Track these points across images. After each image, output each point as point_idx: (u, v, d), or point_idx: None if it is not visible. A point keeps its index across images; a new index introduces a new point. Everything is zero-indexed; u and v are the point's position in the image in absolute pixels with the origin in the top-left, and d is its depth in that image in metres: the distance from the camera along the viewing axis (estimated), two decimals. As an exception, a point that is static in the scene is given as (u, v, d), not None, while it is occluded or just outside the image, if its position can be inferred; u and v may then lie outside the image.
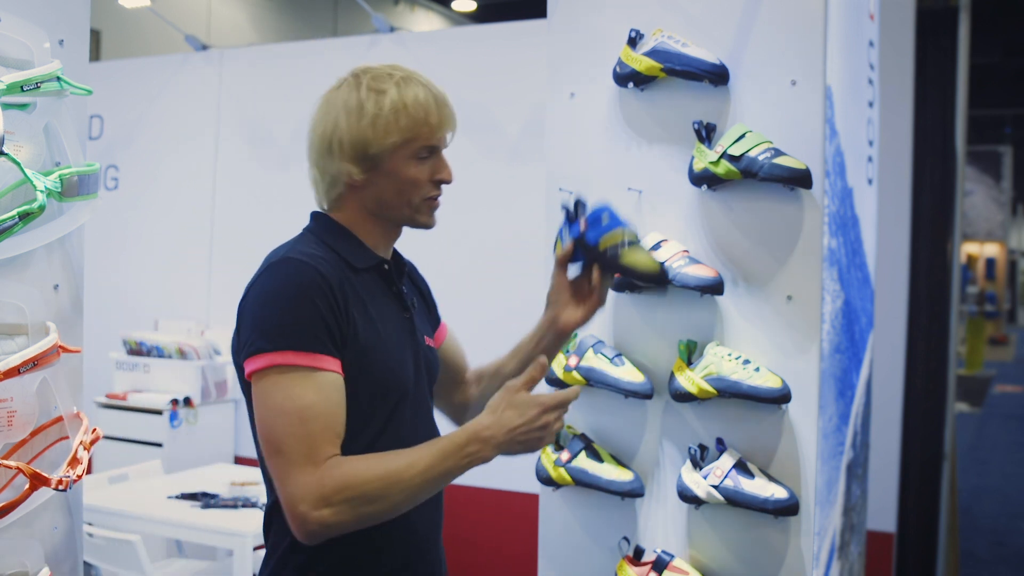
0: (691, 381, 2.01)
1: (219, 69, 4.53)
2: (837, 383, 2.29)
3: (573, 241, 1.75)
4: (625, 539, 2.15)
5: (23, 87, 1.46)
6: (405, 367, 1.56)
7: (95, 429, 1.55)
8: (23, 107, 1.50)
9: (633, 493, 2.09)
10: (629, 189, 2.17)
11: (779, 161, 1.95)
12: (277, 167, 4.50)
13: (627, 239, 1.73)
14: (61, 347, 1.55)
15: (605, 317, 2.19)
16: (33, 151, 1.53)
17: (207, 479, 3.71)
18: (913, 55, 3.72)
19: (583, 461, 2.12)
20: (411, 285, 1.73)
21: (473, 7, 10.35)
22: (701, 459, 2.03)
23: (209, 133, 4.64)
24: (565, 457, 2.13)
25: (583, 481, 2.12)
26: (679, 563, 2.03)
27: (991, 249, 19.77)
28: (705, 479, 2.00)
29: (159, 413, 4.49)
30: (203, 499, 3.40)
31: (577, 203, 1.78)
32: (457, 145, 4.19)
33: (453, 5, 10.64)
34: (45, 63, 1.52)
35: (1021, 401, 12.04)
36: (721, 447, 2.03)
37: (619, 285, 2.11)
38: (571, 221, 1.77)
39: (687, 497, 2.03)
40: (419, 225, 1.60)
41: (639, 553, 2.10)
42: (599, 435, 2.19)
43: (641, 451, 2.16)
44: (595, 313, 1.77)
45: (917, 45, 3.73)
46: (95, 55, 6.86)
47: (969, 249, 18.97)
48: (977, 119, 14.91)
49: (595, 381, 2.10)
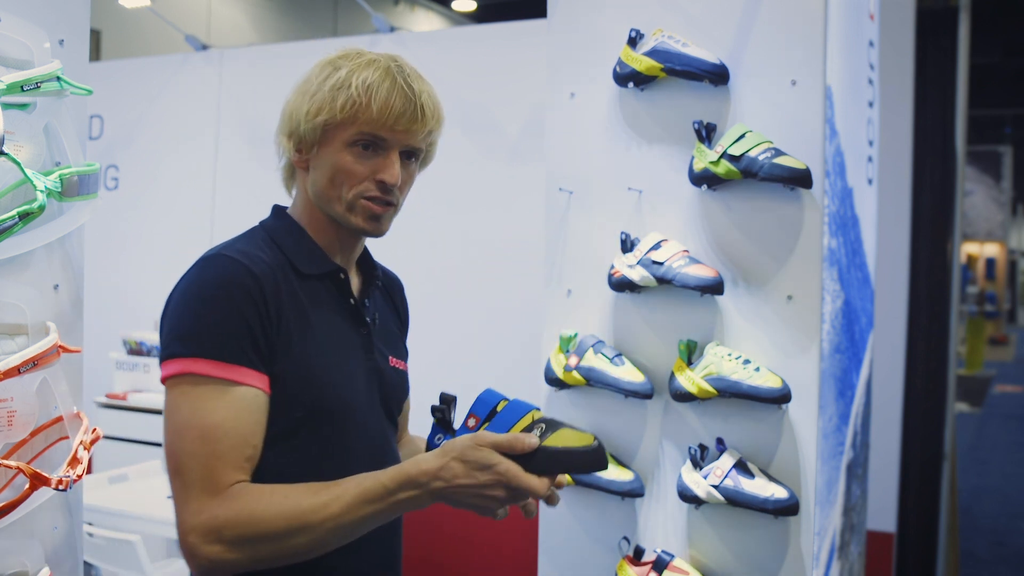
0: (691, 381, 2.01)
1: (219, 69, 4.53)
2: (837, 383, 2.29)
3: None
4: (625, 539, 2.15)
5: (23, 87, 1.46)
6: (350, 387, 1.41)
7: (95, 429, 1.55)
8: (23, 107, 1.50)
9: (633, 493, 2.09)
10: (629, 189, 2.17)
11: (779, 161, 1.95)
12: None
13: (541, 419, 1.27)
14: (61, 347, 1.55)
15: (605, 317, 2.19)
16: (33, 151, 1.53)
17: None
18: (913, 55, 3.72)
19: (583, 461, 2.12)
20: (385, 302, 1.58)
21: (473, 7, 10.36)
22: (701, 459, 2.03)
23: (209, 133, 4.64)
24: (565, 457, 2.13)
25: (583, 481, 2.12)
26: (679, 563, 2.03)
27: (991, 249, 19.77)
28: (705, 479, 2.00)
29: (159, 413, 4.47)
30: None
31: (449, 400, 1.35)
32: (457, 145, 4.19)
33: (453, 5, 10.65)
34: (45, 63, 1.52)
35: (1021, 401, 12.04)
36: (721, 447, 2.03)
37: (619, 285, 2.10)
38: (445, 428, 1.32)
39: (687, 497, 2.03)
40: (353, 228, 1.41)
41: (639, 553, 2.10)
42: (599, 435, 2.18)
43: (641, 451, 2.16)
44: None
45: (917, 45, 3.73)
46: (95, 55, 6.86)
47: (969, 249, 18.97)
48: (977, 119, 14.91)
49: (595, 381, 2.10)
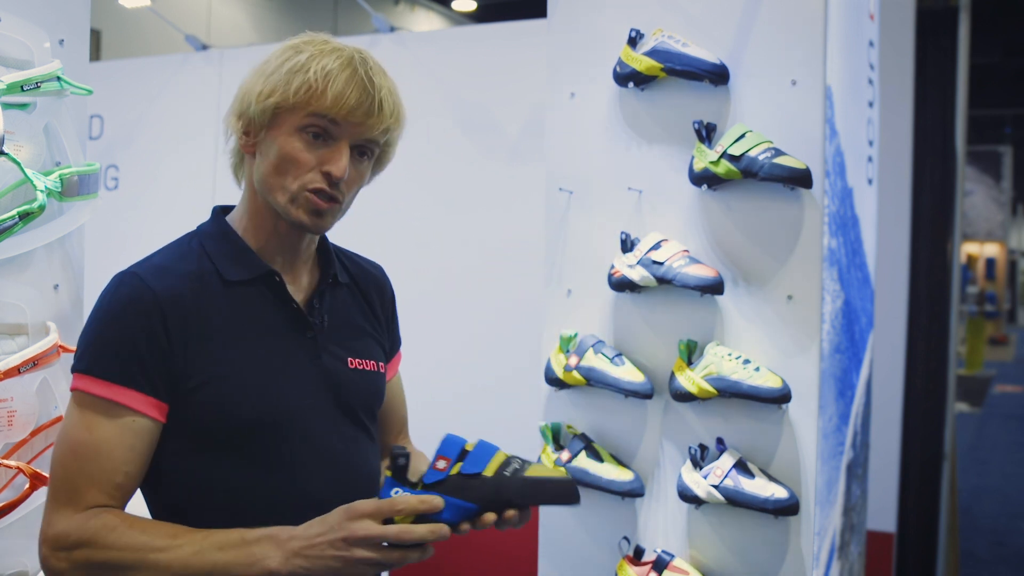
0: (691, 381, 2.01)
1: (219, 69, 4.53)
2: (837, 383, 2.29)
3: (436, 484, 1.20)
4: (625, 539, 2.15)
5: (23, 87, 1.46)
6: (288, 396, 1.34)
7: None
8: (23, 107, 1.51)
9: (633, 493, 2.09)
10: (629, 189, 2.17)
11: (779, 161, 1.95)
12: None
13: (510, 456, 1.24)
14: (61, 347, 1.55)
15: (605, 317, 2.19)
16: (33, 151, 1.53)
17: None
18: (913, 55, 3.72)
19: (583, 461, 2.12)
20: (352, 298, 1.50)
21: (473, 7, 10.35)
22: (701, 459, 2.03)
23: (209, 133, 4.63)
24: (565, 457, 2.13)
25: (583, 481, 2.12)
26: (679, 563, 2.03)
27: (991, 249, 19.76)
28: (705, 479, 2.00)
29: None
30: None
31: (399, 454, 1.21)
32: (457, 145, 4.18)
33: (453, 5, 10.64)
34: (45, 63, 1.52)
35: (1021, 401, 12.04)
36: (721, 447, 2.03)
37: (619, 285, 2.10)
38: (401, 481, 1.21)
39: (687, 497, 2.03)
40: (293, 222, 1.34)
41: (639, 553, 2.10)
42: (599, 435, 2.19)
43: (641, 451, 2.16)
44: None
45: (917, 45, 3.73)
46: (95, 55, 6.86)
47: (969, 249, 18.96)
48: (977, 119, 14.91)
49: (595, 381, 2.10)
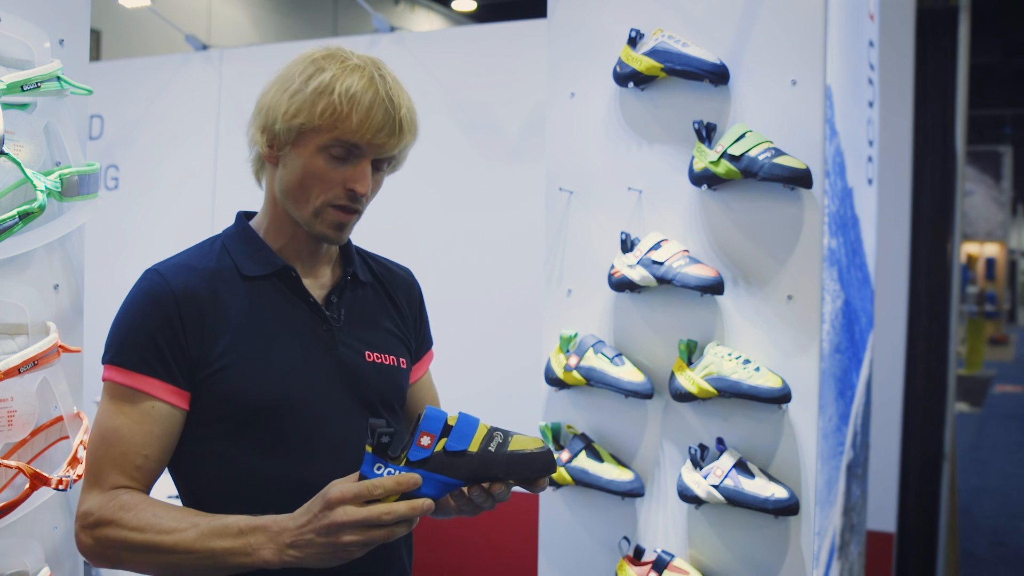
0: (691, 381, 2.01)
1: (219, 69, 4.53)
2: (837, 383, 2.29)
3: (421, 462, 1.20)
4: (625, 539, 2.15)
5: (23, 87, 1.46)
6: (300, 384, 1.39)
7: (95, 429, 1.55)
8: (23, 107, 1.50)
9: (633, 493, 2.09)
10: (629, 189, 2.17)
11: (779, 161, 1.95)
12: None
13: (492, 427, 1.25)
14: (61, 347, 1.55)
15: (605, 317, 2.19)
16: (33, 151, 1.53)
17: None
18: (913, 55, 3.72)
19: (583, 461, 2.12)
20: (375, 296, 1.55)
21: (473, 7, 10.36)
22: (701, 459, 2.03)
23: (209, 133, 4.64)
24: (565, 457, 2.13)
25: (583, 481, 2.12)
26: (679, 563, 2.03)
27: (991, 249, 19.76)
28: (705, 479, 2.00)
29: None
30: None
31: (375, 428, 1.21)
32: (457, 145, 4.18)
33: (453, 5, 10.65)
34: (45, 63, 1.52)
35: (1021, 401, 12.04)
36: (721, 447, 2.03)
37: (619, 285, 2.10)
38: (383, 457, 1.21)
39: (687, 497, 2.03)
40: (316, 234, 1.42)
41: (639, 553, 2.10)
42: (599, 435, 2.19)
43: (641, 451, 2.16)
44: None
45: (917, 45, 3.73)
46: (95, 55, 6.86)
47: (969, 249, 18.96)
48: (977, 119, 14.91)
49: (595, 381, 2.10)
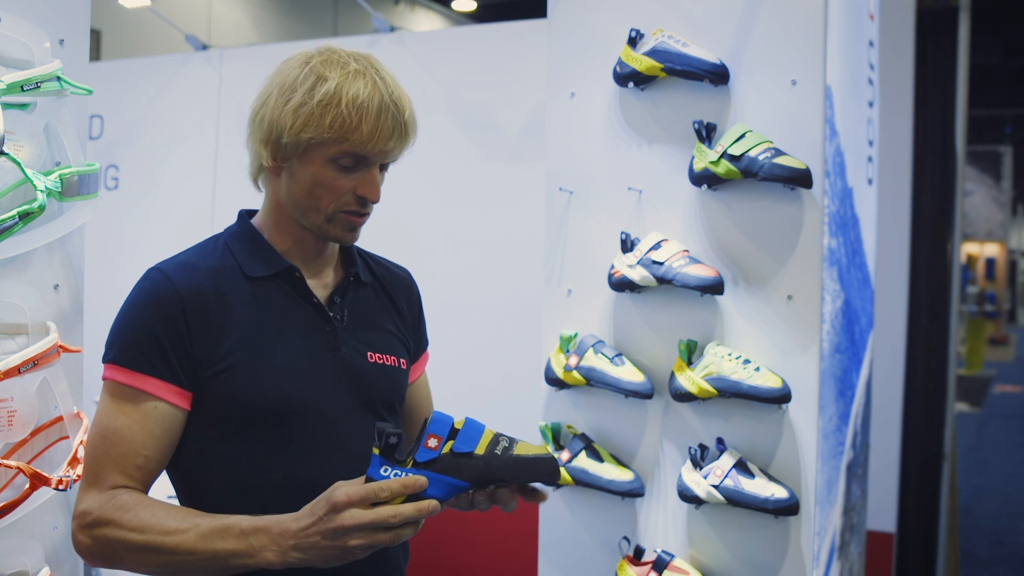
0: (691, 381, 2.01)
1: (219, 69, 4.53)
2: (837, 383, 2.29)
3: (428, 464, 1.20)
4: (625, 539, 2.15)
5: (23, 87, 1.46)
6: (307, 384, 1.39)
7: (95, 429, 1.55)
8: (23, 107, 1.50)
9: (633, 493, 2.09)
10: (629, 189, 2.17)
11: (779, 161, 1.95)
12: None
13: (497, 433, 1.25)
14: (61, 347, 1.55)
15: (605, 317, 2.19)
16: (33, 151, 1.53)
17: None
18: (913, 55, 3.72)
19: (583, 461, 2.12)
20: (376, 297, 1.55)
21: (473, 7, 10.35)
22: (701, 459, 2.03)
23: (209, 133, 4.63)
24: (565, 457, 2.13)
25: (583, 481, 2.12)
26: (679, 563, 2.03)
27: (991, 249, 19.75)
28: (705, 479, 2.00)
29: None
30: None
31: (397, 436, 1.21)
32: (457, 145, 4.17)
33: (453, 5, 10.65)
34: (45, 63, 1.52)
35: (1021, 401, 12.04)
36: (721, 447, 2.03)
37: (619, 285, 2.10)
38: (389, 457, 1.21)
39: (687, 497, 2.03)
40: (330, 238, 1.43)
41: (639, 553, 2.10)
42: (599, 435, 2.19)
43: (641, 451, 2.16)
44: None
45: (917, 45, 3.73)
46: (95, 55, 6.86)
47: (969, 249, 18.95)
48: (977, 119, 14.91)
49: (595, 381, 2.10)
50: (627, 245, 2.10)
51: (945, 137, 3.89)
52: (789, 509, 1.95)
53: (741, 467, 1.99)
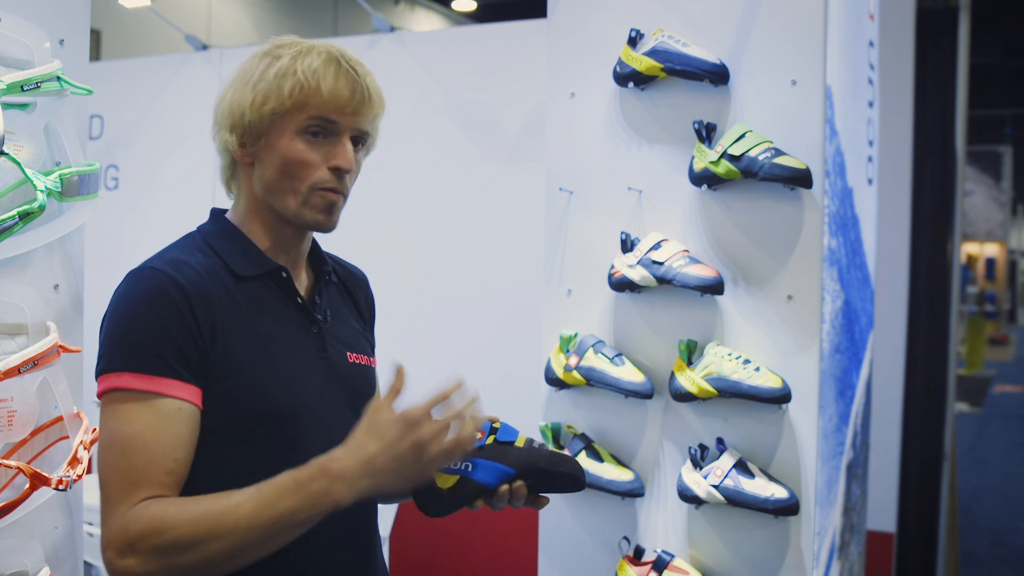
0: (691, 381, 2.01)
1: (219, 69, 4.53)
2: (837, 383, 2.29)
3: (477, 450, 1.30)
4: (625, 539, 2.15)
5: (23, 87, 1.46)
6: (301, 387, 1.37)
7: (95, 429, 1.55)
8: (23, 107, 1.50)
9: (633, 493, 2.09)
10: (629, 189, 2.17)
11: (779, 161, 1.95)
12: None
13: (530, 438, 1.36)
14: (61, 347, 1.55)
15: (605, 317, 2.19)
16: (33, 151, 1.53)
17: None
18: (913, 55, 3.72)
19: (583, 461, 2.12)
20: (341, 297, 1.53)
21: (473, 7, 10.36)
22: (701, 459, 2.03)
23: (209, 133, 4.64)
24: (565, 457, 2.13)
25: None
26: (679, 563, 2.03)
27: (991, 249, 19.75)
28: (705, 479, 2.00)
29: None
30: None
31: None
32: (457, 145, 4.17)
33: (453, 5, 10.65)
34: (45, 63, 1.52)
35: (1021, 401, 12.04)
36: (721, 447, 2.03)
37: (619, 285, 2.10)
38: None
39: (687, 497, 2.03)
40: (309, 224, 1.38)
41: (639, 553, 2.10)
42: (599, 435, 2.19)
43: (641, 451, 2.16)
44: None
45: (917, 45, 3.73)
46: (95, 55, 6.86)
47: (969, 249, 18.96)
48: (977, 119, 14.91)
49: (595, 381, 2.10)
50: (627, 245, 2.10)
51: (945, 137, 3.89)
52: (789, 509, 1.95)
53: (741, 467, 1.99)
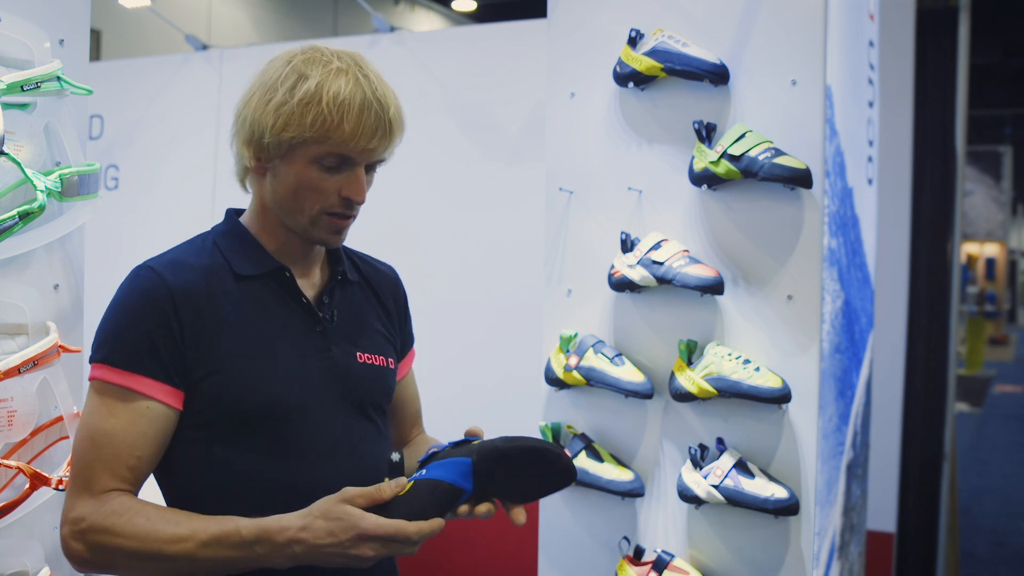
0: (691, 381, 2.01)
1: (219, 69, 4.53)
2: (837, 383, 2.29)
3: (429, 458, 1.28)
4: (625, 539, 2.15)
5: (23, 87, 1.46)
6: (297, 385, 1.37)
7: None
8: (23, 107, 1.51)
9: (633, 493, 2.09)
10: (629, 189, 2.17)
11: (779, 161, 1.95)
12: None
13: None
14: (61, 347, 1.55)
15: (605, 317, 2.19)
16: (33, 151, 1.53)
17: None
18: (913, 55, 3.72)
19: (583, 461, 2.12)
20: (363, 296, 1.53)
21: (473, 7, 10.36)
22: (701, 459, 2.03)
23: (209, 133, 4.63)
24: (565, 457, 2.13)
25: (583, 481, 2.12)
26: (679, 563, 2.03)
27: (991, 249, 19.74)
28: (705, 479, 2.00)
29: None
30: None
31: (395, 464, 1.31)
32: (457, 145, 4.17)
33: (453, 5, 10.65)
34: (45, 63, 1.52)
35: (1021, 401, 12.04)
36: (721, 447, 2.03)
37: (619, 285, 2.11)
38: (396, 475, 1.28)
39: (687, 497, 2.03)
40: (315, 241, 1.41)
41: (639, 553, 2.10)
42: (599, 435, 2.19)
43: (641, 451, 2.16)
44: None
45: (917, 45, 3.73)
46: (95, 55, 6.86)
47: (969, 249, 18.95)
48: (977, 119, 14.91)
49: (595, 381, 2.10)
50: (627, 245, 2.10)
51: (945, 137, 3.89)
52: (789, 509, 1.95)
53: (741, 467, 1.99)
